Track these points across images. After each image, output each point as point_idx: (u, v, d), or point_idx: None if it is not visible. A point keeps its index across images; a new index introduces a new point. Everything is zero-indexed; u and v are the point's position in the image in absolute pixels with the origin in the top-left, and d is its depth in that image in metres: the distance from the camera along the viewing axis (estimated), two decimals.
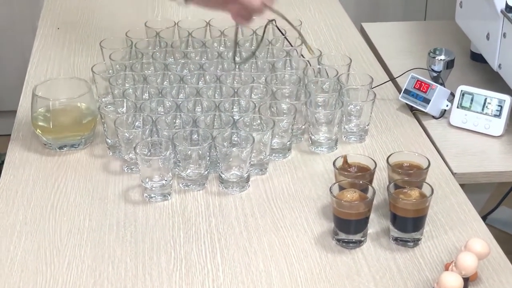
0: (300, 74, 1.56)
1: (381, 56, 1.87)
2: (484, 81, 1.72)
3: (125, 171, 1.39)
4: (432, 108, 1.57)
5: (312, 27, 1.98)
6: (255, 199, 1.33)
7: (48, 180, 1.37)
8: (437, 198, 1.32)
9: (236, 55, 1.57)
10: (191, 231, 1.25)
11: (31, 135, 1.49)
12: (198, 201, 1.32)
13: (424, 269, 1.17)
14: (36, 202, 1.32)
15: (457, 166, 1.44)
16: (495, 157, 1.49)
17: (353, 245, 1.21)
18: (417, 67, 1.71)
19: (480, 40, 1.68)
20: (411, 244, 1.21)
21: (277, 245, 1.22)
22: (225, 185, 1.35)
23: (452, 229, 1.25)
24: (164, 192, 1.32)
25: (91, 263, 1.18)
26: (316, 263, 1.18)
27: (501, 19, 1.55)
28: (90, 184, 1.36)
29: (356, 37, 1.94)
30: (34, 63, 1.78)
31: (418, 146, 1.49)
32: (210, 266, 1.18)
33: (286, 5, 2.10)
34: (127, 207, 1.31)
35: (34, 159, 1.43)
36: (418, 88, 1.58)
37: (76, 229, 1.25)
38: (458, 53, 1.67)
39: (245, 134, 1.35)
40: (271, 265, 1.18)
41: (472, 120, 1.54)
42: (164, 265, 1.18)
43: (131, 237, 1.24)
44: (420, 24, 2.12)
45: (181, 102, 1.44)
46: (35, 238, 1.23)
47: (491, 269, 1.16)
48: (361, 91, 1.51)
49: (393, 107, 1.62)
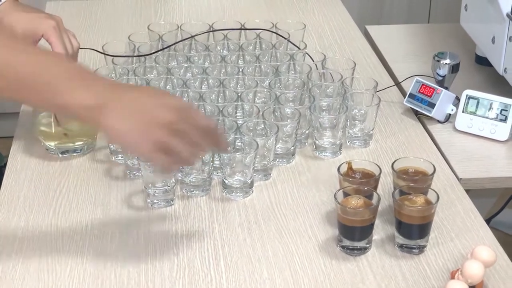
0: (304, 78, 1.54)
1: (385, 59, 1.86)
2: (489, 85, 1.71)
3: (127, 177, 1.38)
4: (437, 112, 1.56)
5: (316, 30, 1.97)
6: (259, 205, 1.32)
7: (50, 186, 1.36)
8: (443, 204, 1.31)
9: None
10: (194, 238, 1.24)
11: (33, 140, 1.48)
12: (201, 207, 1.31)
13: (430, 277, 1.15)
14: (38, 208, 1.31)
15: (462, 171, 1.43)
16: (501, 162, 1.48)
17: (357, 252, 1.20)
18: (421, 70, 1.70)
19: (486, 44, 1.67)
20: (416, 251, 1.20)
21: (281, 252, 1.21)
22: (229, 191, 1.34)
23: (458, 236, 1.24)
24: (167, 198, 1.31)
25: (93, 271, 1.17)
26: (321, 271, 1.17)
27: (507, 22, 1.54)
28: (93, 190, 1.35)
29: (360, 40, 1.93)
30: None
31: (423, 151, 1.47)
32: (214, 273, 1.16)
33: (290, 8, 2.10)
34: (129, 213, 1.30)
35: (36, 164, 1.42)
36: (423, 93, 1.57)
37: (78, 235, 1.24)
38: (462, 56, 1.66)
39: (248, 139, 1.34)
40: (275, 273, 1.16)
41: (477, 124, 1.53)
42: (167, 273, 1.17)
43: (134, 244, 1.22)
44: (424, 27, 2.11)
45: None
46: (37, 245, 1.22)
47: (498, 277, 1.15)
48: (365, 95, 1.50)
49: (397, 111, 1.61)
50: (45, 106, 1.21)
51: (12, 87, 1.12)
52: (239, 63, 1.63)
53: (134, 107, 1.11)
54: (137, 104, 1.11)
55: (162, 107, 1.11)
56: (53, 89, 1.10)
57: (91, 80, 1.13)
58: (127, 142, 1.12)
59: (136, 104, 1.11)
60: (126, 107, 1.10)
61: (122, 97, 1.12)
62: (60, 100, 1.10)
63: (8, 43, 1.14)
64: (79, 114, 1.11)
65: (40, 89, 1.11)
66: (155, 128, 1.10)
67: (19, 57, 1.12)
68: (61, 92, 1.10)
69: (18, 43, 1.17)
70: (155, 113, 1.10)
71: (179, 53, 1.65)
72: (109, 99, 1.10)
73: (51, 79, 1.11)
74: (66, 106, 1.10)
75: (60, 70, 1.12)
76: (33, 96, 1.13)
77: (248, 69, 1.57)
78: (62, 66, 1.14)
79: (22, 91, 1.12)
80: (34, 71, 1.11)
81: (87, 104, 1.09)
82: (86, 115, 1.10)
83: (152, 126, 1.10)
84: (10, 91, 1.13)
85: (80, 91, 1.10)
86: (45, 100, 1.13)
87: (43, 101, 1.13)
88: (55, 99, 1.11)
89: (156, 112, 1.10)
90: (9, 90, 1.12)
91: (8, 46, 1.13)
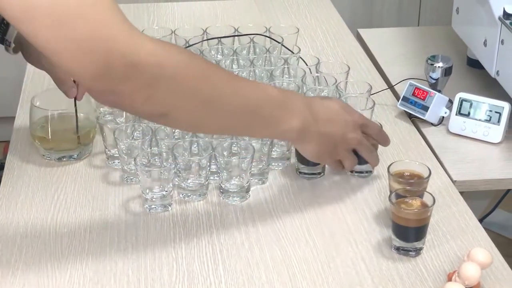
0: (299, 82, 1.55)
1: (378, 62, 1.87)
2: (481, 87, 1.72)
3: (125, 182, 1.39)
4: (431, 115, 1.57)
5: (308, 34, 1.98)
6: (256, 209, 1.33)
7: (47, 192, 1.37)
8: (438, 207, 1.32)
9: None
10: (192, 242, 1.25)
11: (30, 145, 1.48)
12: (199, 212, 1.32)
13: (427, 279, 1.17)
14: (36, 214, 1.31)
15: (456, 173, 1.44)
16: (494, 164, 1.49)
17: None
18: (414, 73, 1.72)
19: (478, 47, 1.68)
20: (413, 254, 1.21)
21: (279, 256, 1.22)
22: (226, 195, 1.34)
23: (454, 238, 1.25)
24: (165, 202, 1.32)
25: (92, 276, 1.17)
26: (319, 274, 1.18)
27: (498, 26, 1.56)
28: (90, 195, 1.36)
29: (353, 43, 1.95)
30: (30, 72, 1.77)
31: (418, 153, 1.49)
32: (213, 277, 1.17)
33: (282, 12, 2.11)
34: (127, 218, 1.30)
35: (33, 170, 1.43)
36: (417, 96, 1.58)
37: (77, 241, 1.25)
38: (454, 59, 1.67)
39: (245, 144, 1.35)
40: (274, 277, 1.17)
41: (471, 127, 1.55)
42: (166, 278, 1.17)
43: (133, 249, 1.23)
44: (416, 30, 2.13)
45: None
46: (36, 251, 1.23)
47: (494, 279, 1.16)
48: (360, 99, 1.51)
49: (391, 115, 1.62)
50: (266, 135, 1.32)
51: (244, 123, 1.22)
52: (234, 68, 1.64)
53: (326, 133, 1.29)
54: (329, 129, 1.29)
55: (347, 132, 1.30)
56: (275, 119, 1.22)
57: (292, 102, 1.25)
58: (319, 160, 1.35)
59: (329, 129, 1.29)
60: (322, 133, 1.28)
61: (319, 118, 1.27)
62: (280, 129, 1.23)
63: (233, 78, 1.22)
64: (292, 138, 1.28)
65: (267, 120, 1.23)
66: (339, 149, 1.31)
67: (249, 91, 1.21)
68: (278, 121, 1.23)
69: (235, 77, 1.27)
70: (341, 138, 1.30)
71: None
72: (309, 122, 1.25)
73: (271, 110, 1.22)
74: (283, 133, 1.25)
75: (271, 96, 1.22)
76: (259, 128, 1.24)
77: (242, 74, 1.58)
78: (267, 91, 1.23)
79: (250, 125, 1.23)
80: (259, 104, 1.21)
81: (298, 128, 1.24)
82: (294, 137, 1.27)
83: (338, 148, 1.31)
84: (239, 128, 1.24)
85: (290, 116, 1.23)
86: (269, 130, 1.25)
87: (267, 131, 1.25)
88: (277, 128, 1.24)
89: (342, 138, 1.30)
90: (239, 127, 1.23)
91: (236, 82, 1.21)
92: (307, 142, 1.28)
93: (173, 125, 1.27)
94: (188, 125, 1.20)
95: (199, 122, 1.17)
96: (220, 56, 1.69)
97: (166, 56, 1.08)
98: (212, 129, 1.24)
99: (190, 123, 1.18)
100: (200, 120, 1.17)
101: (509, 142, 1.54)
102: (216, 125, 1.20)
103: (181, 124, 1.20)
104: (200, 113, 1.15)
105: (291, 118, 1.23)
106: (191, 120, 1.16)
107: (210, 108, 1.15)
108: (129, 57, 1.03)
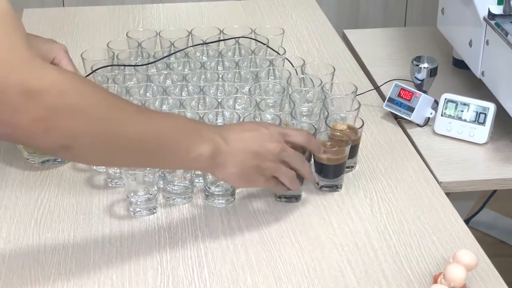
0: (284, 84, 1.55)
1: (364, 63, 1.87)
2: (466, 88, 1.72)
3: (109, 185, 1.38)
4: (416, 116, 1.57)
5: (294, 35, 1.97)
6: (241, 212, 1.32)
7: (31, 196, 1.36)
8: (424, 208, 1.32)
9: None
10: (177, 246, 1.24)
11: (13, 149, 1.47)
12: (184, 215, 1.31)
13: (413, 281, 1.16)
14: (20, 218, 1.30)
15: (442, 174, 1.44)
16: (480, 165, 1.49)
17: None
18: (399, 73, 1.72)
19: (463, 47, 1.68)
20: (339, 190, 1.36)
21: (264, 259, 1.21)
22: (211, 198, 1.34)
23: (440, 240, 1.25)
24: (150, 206, 1.31)
25: (76, 281, 1.16)
26: (304, 277, 1.17)
27: (483, 26, 1.56)
28: (74, 199, 1.35)
29: (339, 44, 1.94)
30: None
31: (403, 154, 1.48)
32: (198, 281, 1.17)
33: (268, 13, 2.10)
34: (112, 222, 1.29)
35: (17, 173, 1.42)
36: (402, 96, 1.58)
37: (61, 245, 1.24)
38: (440, 59, 1.67)
39: None
40: (259, 280, 1.17)
41: (456, 128, 1.54)
42: (151, 281, 1.16)
43: (117, 253, 1.22)
44: (401, 31, 2.13)
45: None
46: (19, 256, 1.21)
47: (480, 280, 1.16)
48: (345, 100, 1.50)
49: (377, 115, 1.62)
50: (178, 166, 1.25)
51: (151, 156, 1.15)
52: (219, 70, 1.63)
53: (241, 149, 1.20)
54: (242, 144, 1.21)
55: (264, 141, 1.22)
56: (183, 148, 1.16)
57: (201, 129, 1.19)
58: (247, 183, 1.27)
59: (242, 144, 1.21)
60: (235, 151, 1.20)
61: (229, 138, 1.20)
62: (190, 156, 1.17)
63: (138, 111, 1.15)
64: (205, 164, 1.19)
65: (174, 150, 1.16)
66: (263, 163, 1.22)
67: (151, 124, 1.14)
68: (186, 149, 1.16)
69: (141, 109, 1.20)
70: (259, 149, 1.21)
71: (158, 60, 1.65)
72: (219, 144, 1.18)
73: (179, 139, 1.16)
74: (195, 160, 1.18)
75: (179, 126, 1.18)
76: (169, 159, 1.17)
77: (227, 75, 1.58)
78: (176, 122, 1.19)
79: (158, 157, 1.15)
80: (166, 136, 1.15)
81: (208, 153, 1.17)
82: (207, 164, 1.19)
83: (260, 162, 1.21)
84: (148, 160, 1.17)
85: (199, 142, 1.17)
86: (179, 160, 1.18)
87: (177, 161, 1.19)
88: (187, 156, 1.16)
89: (260, 149, 1.21)
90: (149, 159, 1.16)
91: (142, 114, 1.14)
92: (223, 166, 1.19)
93: (78, 159, 1.19)
94: (94, 159, 1.14)
95: (105, 156, 1.11)
96: (205, 58, 1.68)
97: (68, 85, 1.01)
98: (120, 163, 1.19)
99: (96, 157, 1.11)
100: (105, 153, 1.10)
101: (495, 142, 1.54)
102: (124, 158, 1.14)
103: (86, 158, 1.13)
104: (104, 146, 1.08)
105: (200, 144, 1.17)
106: (95, 153, 1.09)
107: (115, 141, 1.09)
108: (26, 85, 0.96)
